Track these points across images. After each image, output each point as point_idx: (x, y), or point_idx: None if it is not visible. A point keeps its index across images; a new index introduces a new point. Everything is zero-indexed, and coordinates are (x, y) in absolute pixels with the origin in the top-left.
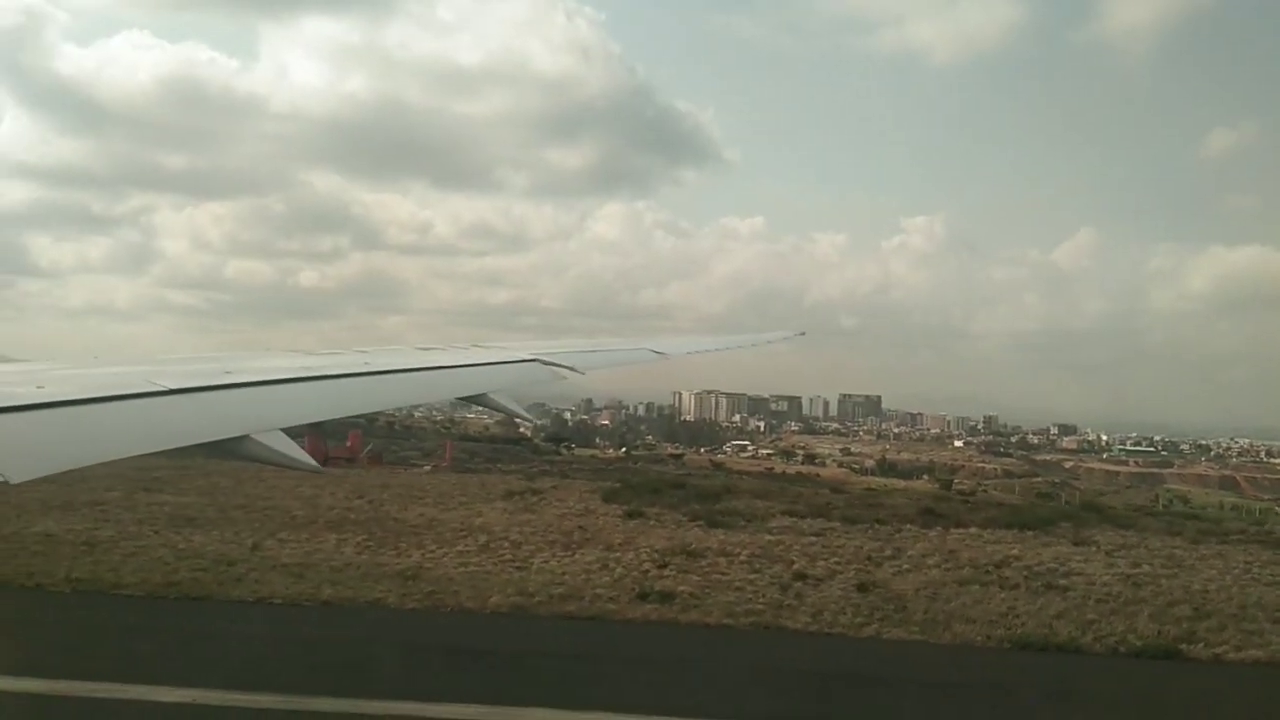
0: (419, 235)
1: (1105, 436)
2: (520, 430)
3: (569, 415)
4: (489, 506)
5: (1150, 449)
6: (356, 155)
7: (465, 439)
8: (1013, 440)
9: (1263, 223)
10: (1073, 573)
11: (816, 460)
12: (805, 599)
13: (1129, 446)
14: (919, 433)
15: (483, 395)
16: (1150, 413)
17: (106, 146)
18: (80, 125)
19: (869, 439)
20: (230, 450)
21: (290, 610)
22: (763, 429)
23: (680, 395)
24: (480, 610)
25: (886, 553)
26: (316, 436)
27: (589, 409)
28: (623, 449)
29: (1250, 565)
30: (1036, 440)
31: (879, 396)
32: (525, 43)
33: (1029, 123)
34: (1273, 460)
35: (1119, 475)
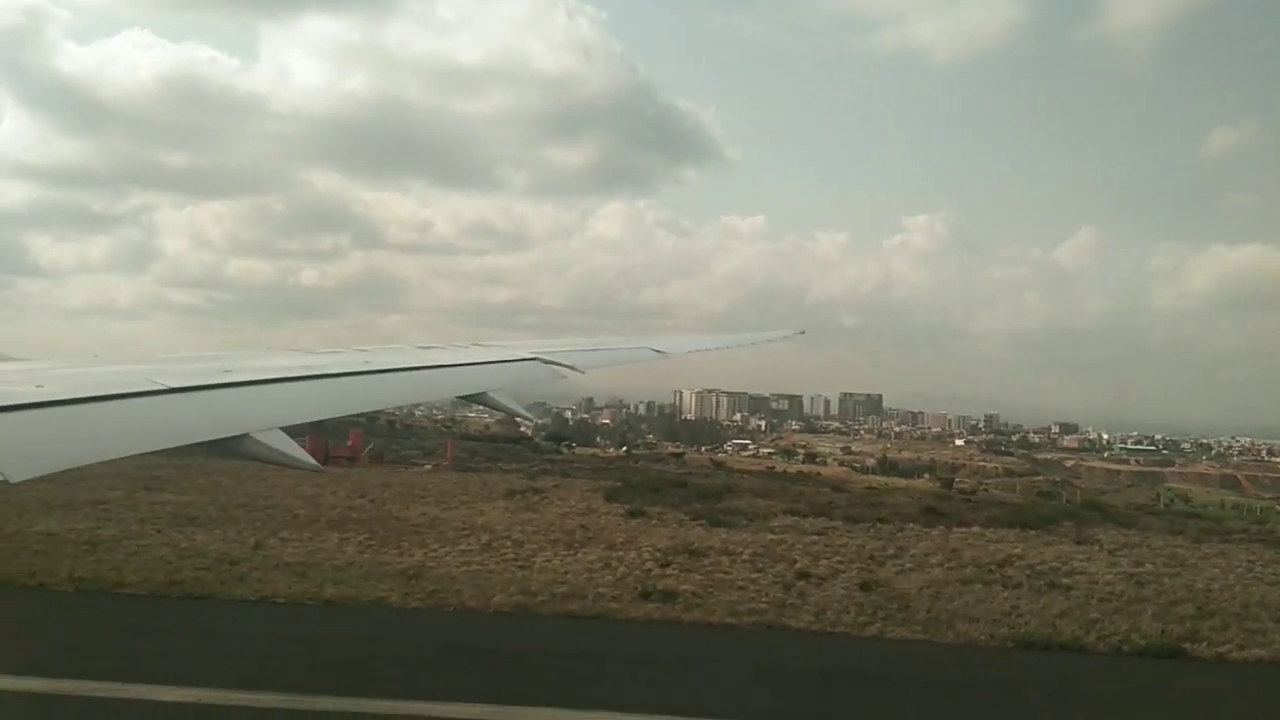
0: (419, 234)
1: (1106, 435)
2: (521, 429)
3: (570, 414)
4: (491, 505)
5: (1151, 448)
6: (357, 154)
7: (466, 438)
8: (1014, 439)
9: (1264, 221)
10: (1075, 572)
11: (817, 459)
12: (808, 598)
13: (1130, 445)
14: (920, 431)
15: (482, 394)
16: (1151, 411)
17: (107, 145)
18: (81, 124)
19: (870, 438)
20: (230, 449)
21: (293, 609)
22: (763, 428)
23: (681, 394)
24: (483, 609)
25: (889, 552)
26: (318, 435)
27: (590, 408)
28: (624, 448)
29: (1253, 564)
30: (1037, 439)
31: (880, 395)
32: (526, 41)
33: (1030, 121)
34: (1274, 459)
35: (1120, 474)
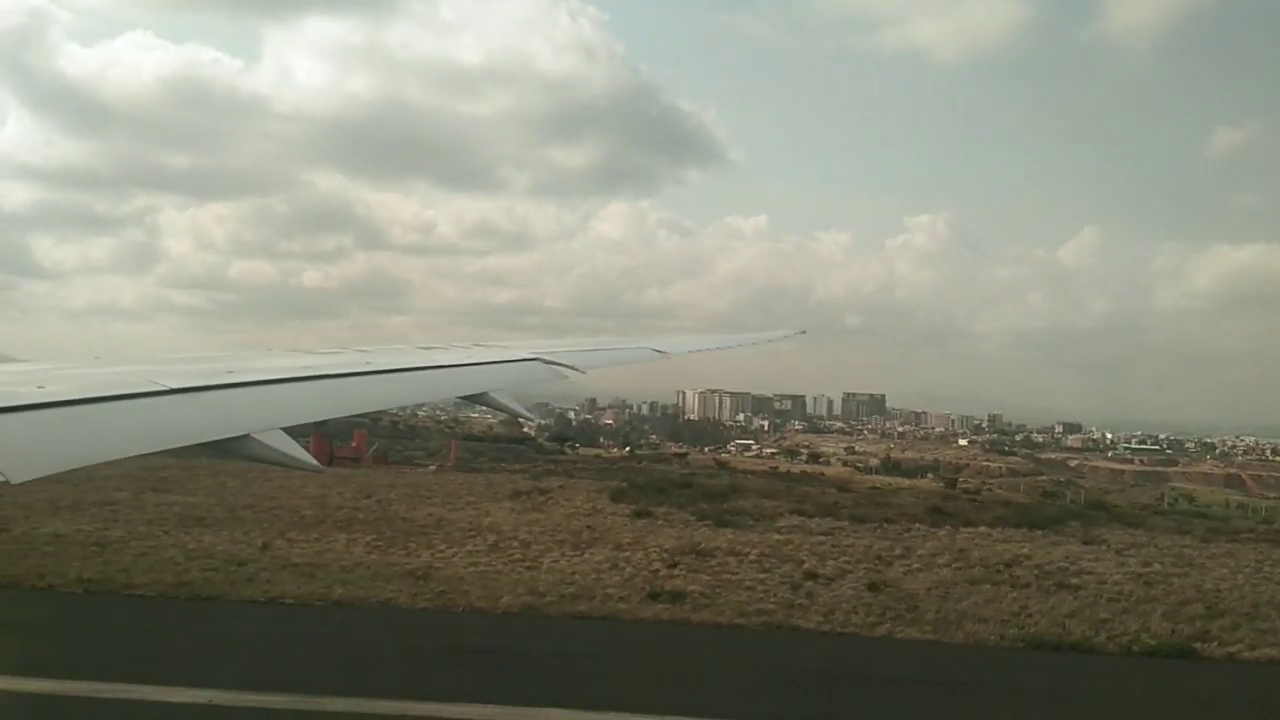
0: (422, 235)
1: (1110, 435)
2: (524, 430)
3: (573, 414)
4: (496, 506)
5: (1155, 447)
6: (359, 155)
7: (469, 439)
8: (1017, 439)
9: (1267, 221)
10: (1084, 572)
11: (821, 459)
12: (817, 598)
13: (1134, 445)
14: (923, 431)
15: (484, 394)
16: (1155, 411)
17: (110, 147)
18: (84, 126)
19: (873, 438)
20: (232, 450)
21: (302, 610)
22: (766, 428)
23: (684, 394)
24: (492, 610)
25: (896, 552)
26: (322, 436)
27: (593, 408)
28: (627, 448)
29: (1262, 564)
30: (1041, 439)
31: (883, 395)
32: (528, 42)
33: (1032, 121)
34: (1278, 458)
35: (1124, 474)
